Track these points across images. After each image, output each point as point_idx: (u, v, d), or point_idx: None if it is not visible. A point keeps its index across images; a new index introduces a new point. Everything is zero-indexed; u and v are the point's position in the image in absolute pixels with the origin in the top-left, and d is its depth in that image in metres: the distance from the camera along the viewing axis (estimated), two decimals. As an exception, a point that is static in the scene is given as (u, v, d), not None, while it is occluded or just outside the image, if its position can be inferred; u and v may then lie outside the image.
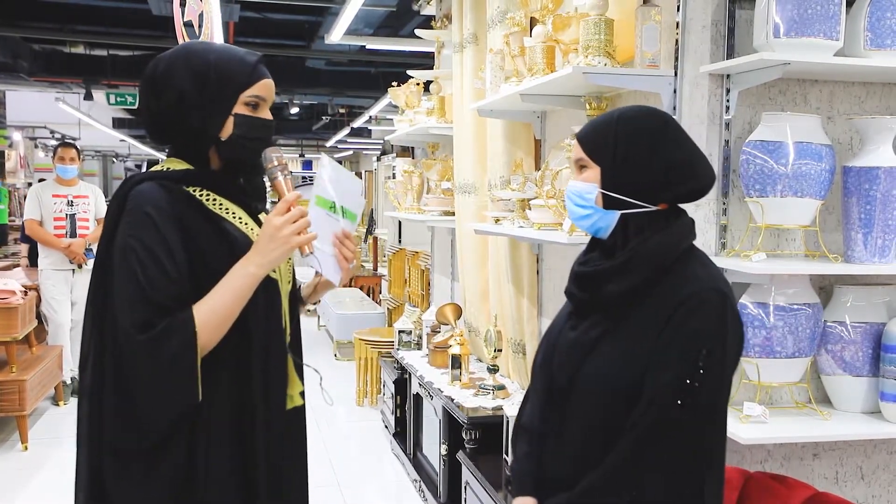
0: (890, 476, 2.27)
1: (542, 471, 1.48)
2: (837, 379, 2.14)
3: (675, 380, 1.31)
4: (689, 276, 1.37)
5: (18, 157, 10.73)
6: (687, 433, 1.33)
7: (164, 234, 1.37)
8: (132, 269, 1.35)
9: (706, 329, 1.33)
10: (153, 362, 1.33)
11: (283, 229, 1.40)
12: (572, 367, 1.42)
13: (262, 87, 1.49)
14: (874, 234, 2.02)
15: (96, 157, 19.84)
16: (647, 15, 2.22)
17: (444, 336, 4.01)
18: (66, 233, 5.36)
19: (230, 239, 1.44)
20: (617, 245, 1.42)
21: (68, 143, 5.79)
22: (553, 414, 1.47)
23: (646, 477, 1.32)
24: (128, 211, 1.39)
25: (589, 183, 1.43)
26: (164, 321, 1.33)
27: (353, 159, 22.06)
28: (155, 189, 1.41)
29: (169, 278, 1.35)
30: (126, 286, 1.35)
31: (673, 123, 1.43)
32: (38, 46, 9.34)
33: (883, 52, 2.03)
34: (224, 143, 1.46)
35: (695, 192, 1.41)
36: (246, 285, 1.40)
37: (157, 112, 1.47)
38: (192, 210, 1.43)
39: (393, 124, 5.01)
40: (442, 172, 4.33)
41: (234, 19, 7.80)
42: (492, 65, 3.06)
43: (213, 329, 1.37)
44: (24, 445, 4.48)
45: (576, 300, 1.48)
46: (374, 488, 4.11)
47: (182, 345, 1.33)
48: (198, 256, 1.40)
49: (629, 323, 1.38)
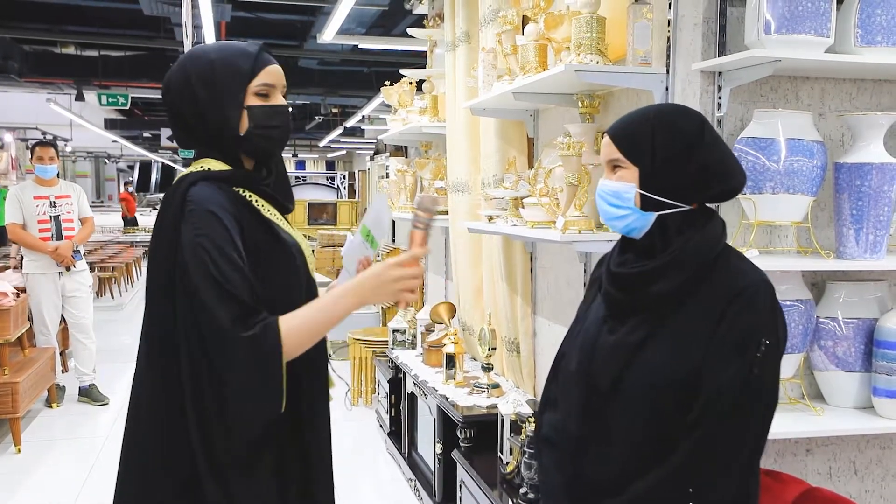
0: (883, 471, 2.28)
1: (579, 478, 1.46)
2: (830, 375, 2.15)
3: (737, 374, 1.32)
4: (734, 270, 1.38)
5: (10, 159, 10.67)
6: (752, 426, 1.33)
7: (230, 232, 1.36)
8: (207, 268, 1.32)
9: (762, 321, 1.34)
10: (254, 358, 1.31)
11: (400, 283, 1.40)
12: (616, 370, 1.40)
13: (269, 74, 1.47)
14: (866, 230, 2.03)
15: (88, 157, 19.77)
16: (639, 13, 2.22)
17: (439, 335, 4.01)
18: (52, 235, 5.15)
19: (280, 240, 1.45)
20: (656, 245, 1.41)
21: (46, 142, 5.57)
22: (593, 419, 1.44)
23: (711, 473, 1.32)
24: (190, 211, 1.36)
25: (626, 183, 1.41)
26: (256, 318, 1.32)
27: (347, 159, 22.02)
28: (212, 189, 1.40)
29: (242, 275, 1.34)
30: (206, 284, 1.31)
31: (707, 124, 1.42)
32: (29, 47, 9.31)
33: (873, 49, 2.04)
34: (244, 137, 1.45)
35: (728, 192, 1.42)
36: (339, 312, 1.40)
37: (181, 123, 1.48)
38: (245, 210, 1.43)
39: (386, 123, 5.01)
40: (435, 171, 4.33)
41: (227, 19, 7.78)
42: (484, 63, 3.06)
43: (295, 342, 1.35)
44: (17, 448, 4.46)
45: (615, 302, 1.45)
46: (369, 487, 4.11)
47: (275, 345, 1.33)
48: (253, 256, 1.39)
49: (677, 322, 1.37)
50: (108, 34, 8.85)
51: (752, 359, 1.32)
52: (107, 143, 17.11)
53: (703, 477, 1.32)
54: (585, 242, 2.31)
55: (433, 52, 4.76)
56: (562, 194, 2.37)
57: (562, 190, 2.36)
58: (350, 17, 5.79)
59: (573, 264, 2.94)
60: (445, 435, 3.41)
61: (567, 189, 2.32)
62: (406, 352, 4.43)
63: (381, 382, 4.79)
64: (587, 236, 2.29)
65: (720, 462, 1.32)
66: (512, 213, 2.85)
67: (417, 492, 3.81)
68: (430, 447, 3.60)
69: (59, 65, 9.63)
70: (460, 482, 3.14)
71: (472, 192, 3.71)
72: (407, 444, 4.16)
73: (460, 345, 3.66)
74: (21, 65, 9.04)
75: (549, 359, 3.19)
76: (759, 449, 1.37)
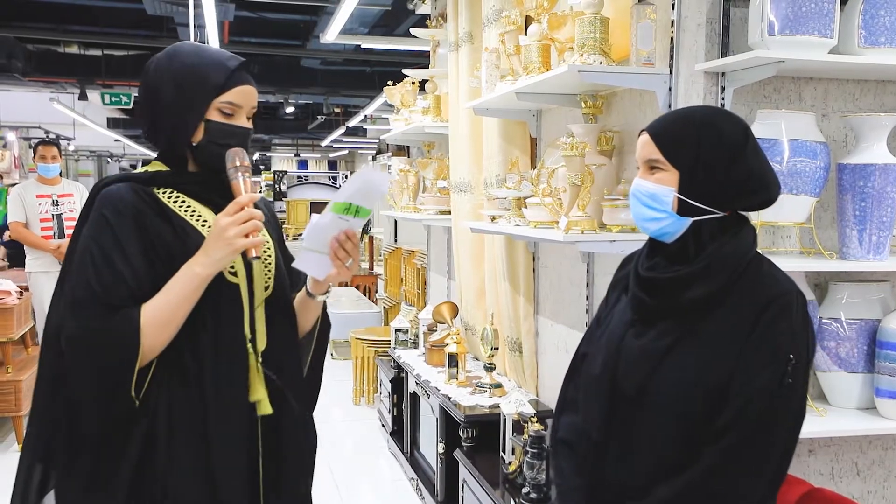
0: (885, 472, 2.28)
1: (600, 482, 1.44)
2: (833, 375, 2.15)
3: (769, 382, 1.30)
4: (767, 278, 1.37)
5: (13, 158, 10.68)
6: (781, 434, 1.32)
7: (119, 235, 1.38)
8: (85, 270, 1.36)
9: (795, 330, 1.33)
10: (90, 358, 1.34)
11: (229, 230, 1.37)
12: (643, 375, 1.38)
13: (238, 94, 1.46)
14: (869, 230, 2.03)
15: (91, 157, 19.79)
16: (643, 13, 2.22)
17: (441, 335, 4.01)
18: (54, 234, 5.20)
19: (186, 241, 1.43)
20: (689, 250, 1.38)
21: (49, 140, 5.63)
22: (617, 424, 1.42)
23: (738, 481, 1.31)
24: (91, 212, 1.42)
25: (665, 186, 1.38)
26: (107, 320, 1.34)
27: (349, 159, 22.03)
28: (119, 191, 1.42)
29: (121, 279, 1.36)
30: (77, 286, 1.37)
31: (751, 132, 1.40)
32: (33, 46, 9.31)
33: (877, 50, 2.04)
34: (196, 147, 1.46)
35: (765, 202, 1.40)
36: (191, 285, 1.38)
37: (146, 112, 1.49)
38: (153, 212, 1.43)
39: (388, 123, 5.01)
40: (438, 171, 4.33)
41: (230, 19, 7.79)
42: (487, 63, 3.06)
43: (157, 328, 1.36)
44: (19, 445, 4.47)
45: (645, 307, 1.42)
46: (372, 487, 4.12)
47: (121, 341, 1.34)
48: (160, 259, 1.40)
49: (707, 328, 1.35)
50: (112, 34, 8.85)
51: (784, 368, 1.31)
52: (109, 143, 17.12)
53: (730, 484, 1.31)
54: (588, 242, 2.31)
55: (436, 52, 4.76)
56: (564, 194, 2.37)
57: (565, 190, 2.37)
58: (353, 16, 5.79)
59: (576, 264, 2.94)
60: (448, 434, 3.42)
61: (570, 189, 2.33)
62: (408, 351, 4.44)
63: (383, 382, 4.80)
64: (590, 236, 2.30)
65: (748, 470, 1.31)
66: (515, 213, 2.85)
67: (419, 491, 3.82)
68: (433, 447, 3.61)
69: (63, 64, 9.63)
70: (462, 482, 3.14)
71: (474, 192, 3.71)
72: (409, 444, 4.17)
73: (462, 344, 3.67)
74: (24, 64, 9.04)
75: (551, 358, 3.20)
76: (788, 458, 1.35)
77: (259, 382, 1.48)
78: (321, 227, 1.49)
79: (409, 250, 6.56)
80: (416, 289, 5.91)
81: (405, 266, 6.48)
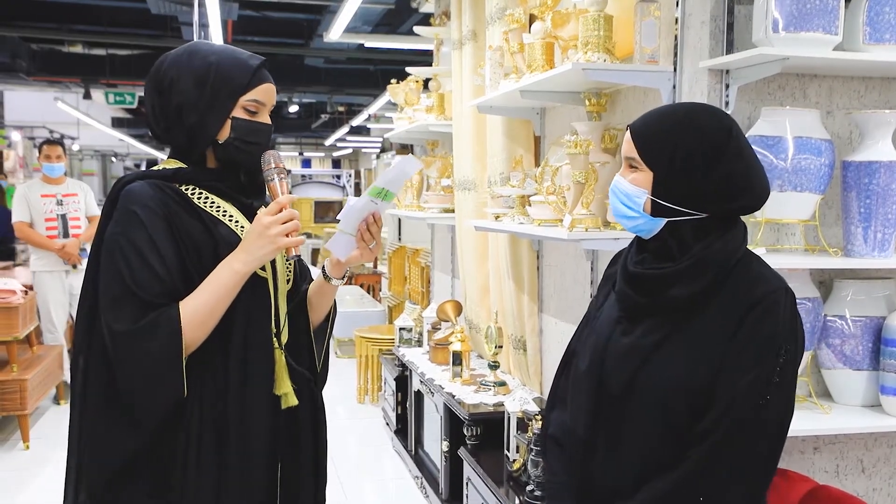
0: (891, 469, 2.28)
1: (587, 481, 1.44)
2: (838, 373, 2.14)
3: (755, 381, 1.29)
4: (755, 276, 1.35)
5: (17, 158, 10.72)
6: (768, 434, 1.31)
7: (150, 232, 1.38)
8: (118, 267, 1.36)
9: (782, 328, 1.31)
10: (138, 356, 1.34)
11: (272, 228, 1.40)
12: (629, 372, 1.37)
13: (262, 92, 1.49)
14: (873, 228, 2.03)
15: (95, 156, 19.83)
16: (646, 11, 2.22)
17: (445, 333, 4.02)
18: (59, 233, 5.21)
19: (216, 236, 1.45)
20: (673, 248, 1.37)
21: (54, 140, 5.63)
22: (603, 422, 1.41)
23: (725, 481, 1.30)
24: (117, 210, 1.41)
25: (638, 188, 1.38)
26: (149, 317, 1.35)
27: (353, 157, 22.04)
28: (144, 187, 1.42)
29: (155, 276, 1.36)
30: (111, 284, 1.37)
31: (736, 132, 1.36)
32: (37, 46, 9.34)
33: (882, 47, 2.03)
34: (221, 145, 1.47)
35: (748, 207, 1.37)
36: (231, 282, 1.40)
37: (158, 110, 1.48)
38: (181, 208, 1.43)
39: (392, 122, 5.01)
40: (441, 170, 4.33)
41: (233, 17, 7.81)
42: (491, 61, 3.06)
43: (197, 325, 1.37)
44: (25, 444, 4.49)
45: (631, 303, 1.42)
46: (376, 485, 4.12)
47: (167, 339, 1.34)
48: (190, 254, 1.41)
49: (694, 326, 1.34)
50: (116, 33, 8.87)
51: (770, 367, 1.30)
52: (114, 142, 17.16)
53: (716, 483, 1.30)
54: (592, 240, 2.31)
55: (439, 50, 4.77)
56: (569, 192, 2.37)
57: (569, 188, 2.36)
58: (356, 15, 5.80)
59: (580, 262, 2.94)
60: (452, 432, 3.42)
61: (574, 187, 2.33)
62: (412, 349, 4.44)
63: (387, 380, 4.80)
64: (594, 234, 2.29)
65: (734, 469, 1.30)
66: (519, 211, 2.85)
67: (424, 489, 3.82)
68: (437, 445, 3.61)
69: (67, 63, 9.65)
70: (467, 480, 3.14)
71: (478, 191, 3.71)
72: (413, 442, 4.17)
73: (467, 343, 3.67)
74: (29, 64, 9.07)
75: (555, 356, 3.20)
76: (775, 458, 1.35)
77: (285, 375, 1.52)
78: (356, 210, 1.55)
79: (413, 249, 6.56)
80: (420, 287, 5.91)
81: (409, 264, 6.48)
